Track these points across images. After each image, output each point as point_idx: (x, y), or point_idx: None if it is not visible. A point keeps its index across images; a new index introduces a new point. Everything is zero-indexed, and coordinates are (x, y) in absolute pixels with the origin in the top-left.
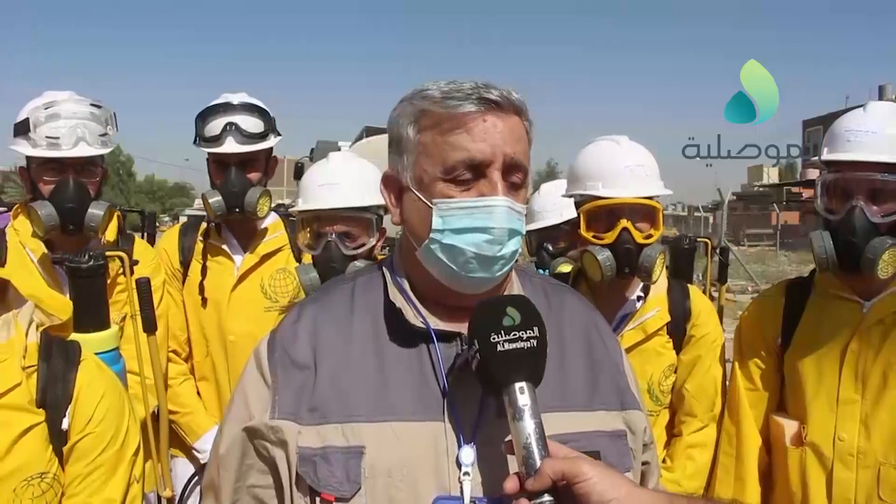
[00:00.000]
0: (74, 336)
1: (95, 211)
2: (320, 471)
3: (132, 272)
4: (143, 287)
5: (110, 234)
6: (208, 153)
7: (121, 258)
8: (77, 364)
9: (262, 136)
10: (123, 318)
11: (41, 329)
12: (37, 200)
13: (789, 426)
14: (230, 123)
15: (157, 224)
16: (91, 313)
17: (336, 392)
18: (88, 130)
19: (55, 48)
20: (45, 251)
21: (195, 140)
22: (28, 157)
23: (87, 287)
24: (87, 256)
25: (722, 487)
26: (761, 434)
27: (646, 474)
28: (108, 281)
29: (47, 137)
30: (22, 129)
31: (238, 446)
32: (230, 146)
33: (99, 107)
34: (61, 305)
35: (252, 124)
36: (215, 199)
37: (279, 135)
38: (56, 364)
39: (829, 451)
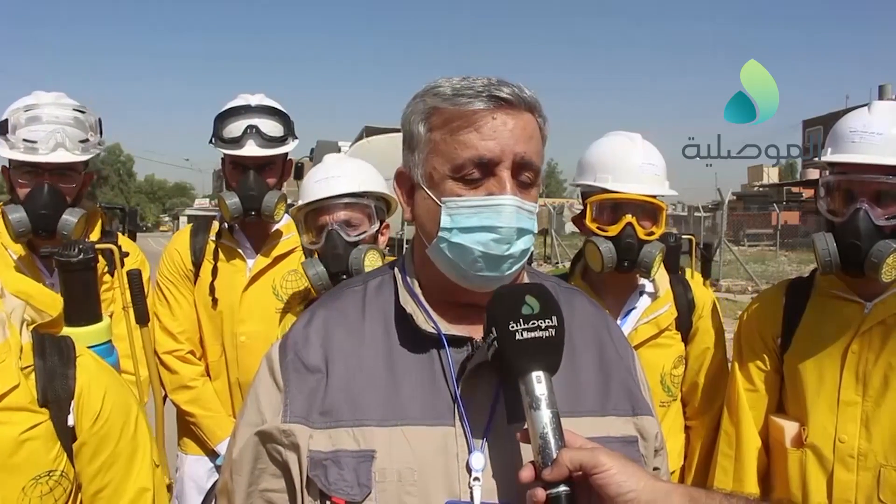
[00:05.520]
0: (67, 330)
1: (69, 218)
2: (331, 474)
3: (123, 264)
4: (135, 279)
5: (94, 234)
6: (226, 155)
7: (111, 251)
8: (74, 360)
9: (281, 140)
10: (110, 316)
11: (31, 327)
12: (12, 203)
13: (789, 427)
14: (251, 126)
15: (152, 223)
16: (83, 307)
17: (347, 396)
18: (68, 136)
19: (56, 49)
20: (27, 251)
21: (212, 140)
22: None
23: (77, 280)
24: (76, 250)
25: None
26: (760, 435)
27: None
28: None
29: (25, 141)
30: (1, 129)
31: (251, 450)
32: (251, 149)
33: (83, 111)
34: (51, 301)
35: (272, 128)
36: (233, 200)
37: (296, 138)
38: (52, 360)
39: (830, 453)
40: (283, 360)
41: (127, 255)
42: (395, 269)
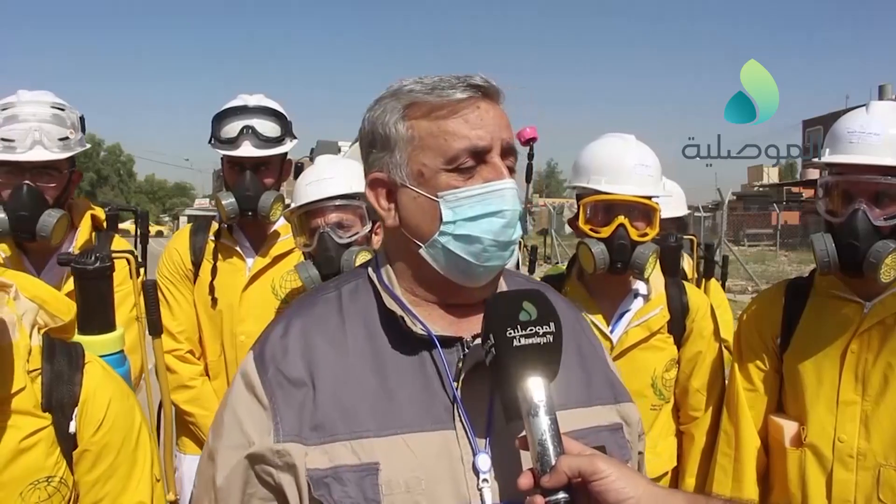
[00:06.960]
0: (80, 338)
1: (47, 219)
2: (335, 492)
3: (139, 273)
4: (150, 289)
5: (83, 234)
6: (223, 155)
7: (127, 259)
8: (81, 367)
9: (278, 141)
10: (137, 319)
11: (43, 332)
12: None
13: (789, 427)
14: (247, 127)
15: (152, 223)
16: (97, 315)
17: (339, 408)
18: (46, 134)
19: (57, 49)
20: (14, 250)
21: (210, 140)
22: None
23: (93, 289)
24: (93, 258)
25: (720, 488)
26: (760, 435)
27: (640, 464)
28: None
29: (3, 140)
30: None
31: (239, 475)
32: (246, 150)
33: (62, 109)
34: (65, 307)
35: (269, 128)
36: (228, 200)
37: (295, 138)
38: (60, 365)
39: (829, 453)
40: (263, 376)
41: (143, 265)
42: (370, 271)
